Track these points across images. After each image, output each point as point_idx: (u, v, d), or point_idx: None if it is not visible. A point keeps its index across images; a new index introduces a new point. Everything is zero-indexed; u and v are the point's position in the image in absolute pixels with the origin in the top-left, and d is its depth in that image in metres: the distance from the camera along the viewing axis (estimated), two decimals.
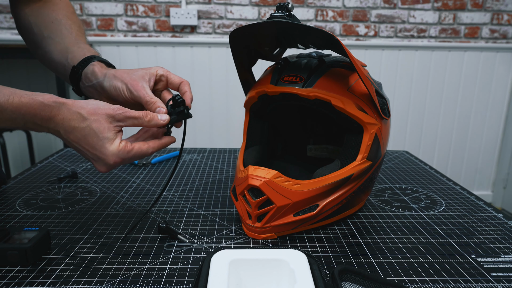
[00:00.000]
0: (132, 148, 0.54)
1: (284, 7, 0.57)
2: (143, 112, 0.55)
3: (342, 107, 0.57)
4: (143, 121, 0.55)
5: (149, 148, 0.56)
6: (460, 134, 2.42)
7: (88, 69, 0.63)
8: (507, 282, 0.48)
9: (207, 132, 2.32)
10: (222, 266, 0.43)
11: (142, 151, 0.55)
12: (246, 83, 0.71)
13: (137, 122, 0.54)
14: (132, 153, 0.54)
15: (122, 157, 0.53)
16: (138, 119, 0.54)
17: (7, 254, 0.49)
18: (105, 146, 0.52)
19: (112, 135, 0.52)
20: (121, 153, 0.53)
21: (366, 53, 2.27)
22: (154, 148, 0.57)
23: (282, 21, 0.54)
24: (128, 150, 0.53)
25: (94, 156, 0.53)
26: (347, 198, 0.61)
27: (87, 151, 0.53)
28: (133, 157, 0.55)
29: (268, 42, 0.64)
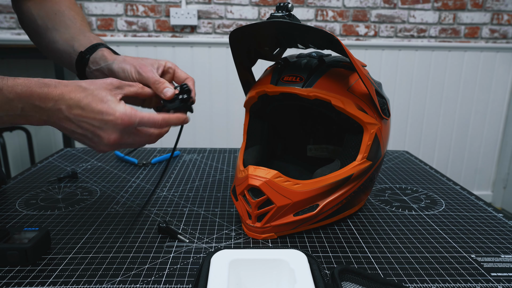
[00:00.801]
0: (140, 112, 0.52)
1: (284, 7, 0.57)
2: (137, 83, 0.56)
3: (342, 107, 0.57)
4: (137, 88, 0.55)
5: (159, 118, 0.53)
6: (460, 134, 2.42)
7: (97, 54, 0.64)
8: (507, 282, 0.48)
9: (207, 132, 2.32)
10: (222, 266, 0.43)
11: (154, 119, 0.53)
12: (246, 83, 0.71)
13: (133, 90, 0.55)
14: (140, 115, 0.51)
15: (130, 116, 0.50)
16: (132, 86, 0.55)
17: (7, 254, 0.49)
18: (111, 107, 0.50)
19: (115, 99, 0.51)
20: (130, 112, 0.51)
21: (366, 53, 2.27)
22: (164, 119, 0.54)
23: (282, 21, 0.54)
24: (135, 112, 0.51)
25: (100, 123, 0.50)
26: (347, 198, 0.61)
27: (93, 120, 0.50)
28: (142, 121, 0.52)
29: (268, 42, 0.64)
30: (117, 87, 0.53)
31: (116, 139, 0.51)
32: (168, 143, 2.33)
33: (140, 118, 0.51)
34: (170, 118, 0.55)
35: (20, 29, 2.15)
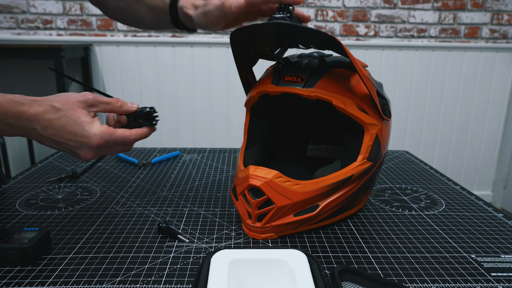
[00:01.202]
0: (115, 131, 0.53)
1: (285, 8, 0.57)
2: (114, 98, 0.56)
3: (343, 107, 0.57)
4: (114, 106, 0.55)
5: (132, 135, 0.55)
6: (460, 134, 2.42)
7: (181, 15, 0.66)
8: (507, 282, 0.48)
9: (207, 132, 2.32)
10: (222, 266, 0.43)
11: (126, 136, 0.55)
12: (247, 83, 0.71)
13: (108, 107, 0.55)
14: (115, 135, 0.53)
15: (105, 138, 0.52)
16: (110, 103, 0.55)
17: (7, 254, 0.49)
18: (85, 129, 0.51)
19: (89, 119, 0.52)
20: (104, 134, 0.52)
21: (366, 53, 2.27)
22: (137, 136, 0.56)
23: (282, 23, 0.54)
24: (111, 132, 0.53)
25: (76, 144, 0.52)
26: (348, 199, 0.61)
27: (68, 141, 0.52)
28: (117, 140, 0.54)
29: (269, 42, 0.64)
30: (91, 105, 0.53)
31: (92, 156, 0.54)
32: (168, 143, 2.33)
33: (114, 140, 0.53)
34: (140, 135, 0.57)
35: (20, 29, 2.15)
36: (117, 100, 0.56)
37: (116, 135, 0.53)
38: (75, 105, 0.52)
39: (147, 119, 0.58)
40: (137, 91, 2.25)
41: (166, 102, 2.27)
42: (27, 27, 2.15)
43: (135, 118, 0.58)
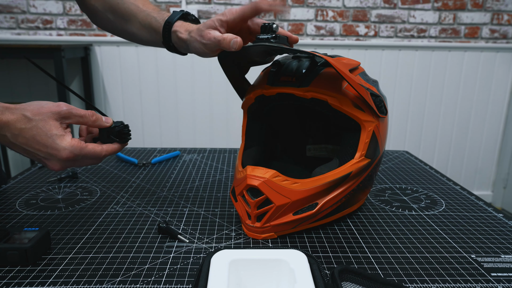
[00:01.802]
0: (86, 146, 0.54)
1: (268, 29, 0.57)
2: (89, 111, 0.55)
3: (338, 105, 0.57)
4: (88, 120, 0.55)
5: (103, 151, 0.56)
6: (460, 134, 2.42)
7: (174, 38, 0.64)
8: (507, 282, 0.48)
9: (207, 132, 2.32)
10: (222, 266, 0.43)
11: (96, 152, 0.55)
12: (241, 89, 0.71)
13: (82, 121, 0.55)
14: (85, 150, 0.54)
15: (75, 152, 0.53)
16: (84, 117, 0.55)
17: (7, 254, 0.49)
18: (56, 142, 0.52)
19: (61, 132, 0.52)
20: (74, 148, 0.52)
21: (366, 53, 2.27)
22: (108, 152, 0.57)
23: (267, 45, 0.55)
24: (81, 147, 0.53)
25: (46, 155, 0.52)
26: (346, 196, 0.61)
27: (38, 151, 0.52)
28: (86, 155, 0.54)
29: (257, 55, 0.65)
30: (64, 116, 0.53)
31: (60, 169, 0.54)
32: (168, 143, 2.33)
33: (83, 155, 0.54)
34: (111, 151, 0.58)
35: (20, 29, 2.15)
36: (92, 114, 0.56)
37: (86, 150, 0.54)
38: (47, 116, 0.52)
39: (119, 136, 0.59)
40: (137, 91, 2.25)
41: (166, 102, 2.27)
42: (27, 27, 2.15)
43: (108, 133, 0.58)
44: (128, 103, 2.27)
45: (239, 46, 0.56)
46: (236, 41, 0.56)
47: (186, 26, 0.63)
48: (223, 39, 0.57)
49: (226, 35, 0.57)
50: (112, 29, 0.75)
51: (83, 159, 0.55)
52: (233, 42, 0.56)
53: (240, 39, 0.57)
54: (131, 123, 2.30)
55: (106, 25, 0.75)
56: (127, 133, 0.60)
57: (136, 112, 2.28)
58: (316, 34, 2.23)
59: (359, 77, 0.62)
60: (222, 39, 0.57)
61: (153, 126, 2.31)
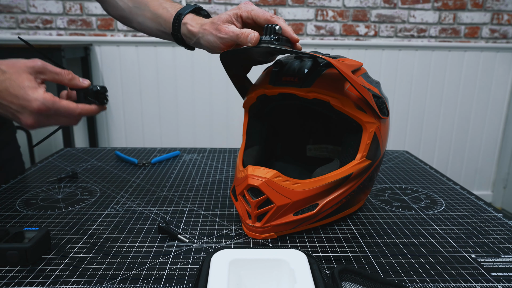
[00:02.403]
0: (59, 100, 0.53)
1: (271, 30, 0.57)
2: (65, 70, 0.55)
3: (340, 106, 0.57)
4: (64, 78, 0.54)
5: (77, 108, 0.55)
6: (460, 134, 2.42)
7: (183, 30, 0.64)
8: (507, 282, 0.48)
9: (207, 132, 2.32)
10: (222, 266, 0.43)
11: (70, 108, 0.54)
12: (242, 88, 0.71)
13: (57, 78, 0.54)
14: (58, 104, 0.53)
15: (47, 105, 0.52)
16: (59, 74, 0.54)
17: (7, 254, 0.49)
18: (27, 93, 0.51)
19: (34, 84, 0.52)
20: (46, 100, 0.52)
21: (366, 53, 2.27)
22: (83, 110, 0.55)
23: (269, 47, 0.55)
24: (54, 100, 0.52)
25: (18, 107, 0.52)
26: (347, 197, 0.61)
27: (10, 104, 0.52)
28: (59, 110, 0.53)
29: (260, 55, 0.65)
30: (38, 71, 0.53)
31: (33, 123, 0.53)
32: (168, 143, 2.33)
33: (56, 109, 0.53)
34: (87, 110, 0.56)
35: (20, 29, 2.15)
36: (68, 72, 0.55)
37: (59, 105, 0.53)
38: (21, 70, 0.52)
39: (97, 97, 0.58)
40: (137, 91, 2.25)
41: (166, 102, 2.27)
42: (27, 27, 2.15)
43: (85, 95, 0.57)
44: (128, 103, 2.27)
45: (255, 42, 0.57)
46: (254, 37, 0.57)
47: (198, 19, 0.63)
48: (242, 34, 0.57)
49: (244, 30, 0.58)
50: (121, 16, 0.75)
51: (57, 115, 0.54)
52: (251, 37, 0.57)
53: (257, 34, 0.57)
54: (131, 123, 2.30)
55: (115, 12, 0.75)
56: (104, 94, 0.58)
57: (136, 112, 2.28)
58: (316, 34, 2.23)
59: (361, 78, 0.61)
60: (241, 33, 0.57)
61: (153, 126, 2.31)
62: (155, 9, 0.68)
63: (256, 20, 0.61)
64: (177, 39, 0.66)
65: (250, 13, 0.60)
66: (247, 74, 0.70)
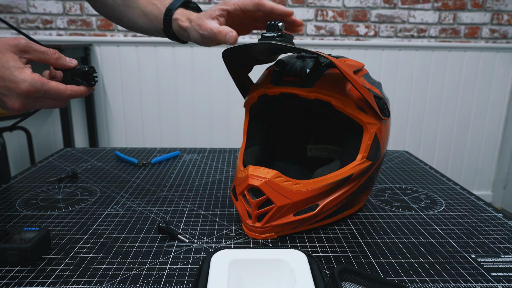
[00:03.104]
0: (48, 81, 0.50)
1: (274, 27, 0.56)
2: (51, 49, 0.52)
3: (342, 107, 0.57)
4: (50, 58, 0.52)
5: (67, 90, 0.52)
6: (460, 134, 2.42)
7: (175, 26, 0.63)
8: (507, 282, 0.48)
9: (207, 132, 2.32)
10: (222, 266, 0.43)
11: (60, 90, 0.51)
12: (244, 87, 0.71)
13: (43, 57, 0.52)
14: (48, 85, 0.50)
15: (36, 86, 0.49)
16: (45, 53, 0.51)
17: (7, 254, 0.49)
18: (14, 74, 0.48)
19: (19, 64, 0.49)
20: (35, 81, 0.49)
21: (366, 53, 2.27)
22: (73, 92, 0.53)
23: (272, 43, 0.54)
24: (43, 81, 0.50)
25: (3, 90, 0.49)
26: (347, 198, 0.61)
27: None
28: (48, 92, 0.50)
29: (262, 54, 0.65)
30: (23, 50, 0.50)
31: (20, 106, 0.50)
32: (168, 143, 2.33)
33: (45, 90, 0.50)
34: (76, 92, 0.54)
35: (20, 29, 2.15)
36: (54, 51, 0.52)
37: (48, 86, 0.50)
38: (4, 49, 0.49)
39: (85, 78, 0.55)
40: (137, 91, 2.25)
41: (166, 102, 2.27)
42: (27, 27, 2.15)
43: (72, 75, 0.54)
44: (128, 103, 2.27)
45: (234, 41, 0.56)
46: (232, 36, 0.56)
47: (187, 14, 0.62)
48: (219, 32, 0.56)
49: (223, 27, 0.57)
50: (111, 15, 0.73)
51: (45, 97, 0.51)
52: (229, 36, 0.56)
53: (235, 33, 0.56)
54: (131, 123, 2.30)
55: (105, 11, 0.73)
56: (92, 75, 0.56)
57: (136, 112, 2.28)
58: (316, 34, 2.23)
59: (363, 79, 0.61)
60: (218, 32, 0.57)
61: (153, 126, 2.31)
62: (144, 6, 0.66)
63: (245, 8, 0.59)
64: (169, 35, 0.65)
65: (237, 4, 0.59)
66: (249, 73, 0.70)
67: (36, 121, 2.29)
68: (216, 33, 0.57)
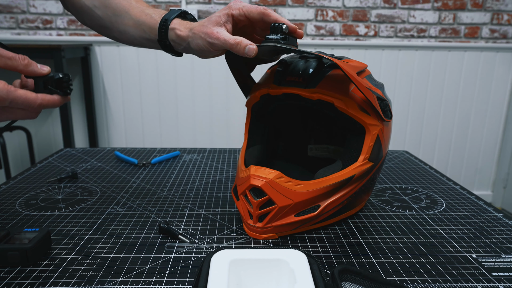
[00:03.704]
0: (15, 90, 0.46)
1: (278, 29, 0.56)
2: (20, 55, 0.48)
3: (344, 108, 0.57)
4: (18, 64, 0.47)
5: (37, 99, 0.48)
6: (460, 134, 2.42)
7: (171, 36, 0.60)
8: (508, 282, 0.48)
9: (207, 132, 2.32)
10: (222, 266, 0.43)
11: (29, 99, 0.47)
12: (246, 87, 0.71)
13: (10, 63, 0.47)
14: (14, 94, 0.45)
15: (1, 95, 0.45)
16: (13, 59, 0.47)
17: (8, 254, 0.49)
18: None
19: None
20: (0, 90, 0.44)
21: (366, 53, 2.27)
22: (44, 101, 0.49)
23: (276, 46, 0.54)
24: (8, 89, 0.45)
25: None
26: (349, 199, 0.61)
27: None
28: (16, 101, 0.46)
29: (265, 54, 0.65)
30: None
31: None
32: (168, 143, 2.33)
33: (12, 99, 0.46)
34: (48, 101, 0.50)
35: (20, 29, 2.15)
36: (23, 57, 0.48)
37: (15, 94, 0.45)
38: None
39: (59, 86, 0.51)
40: (137, 91, 2.25)
41: (166, 102, 2.27)
42: (27, 27, 2.15)
43: (45, 83, 0.50)
44: (128, 103, 2.27)
45: (254, 54, 0.54)
46: (252, 49, 0.53)
47: (185, 23, 0.60)
48: (237, 44, 0.54)
49: (240, 39, 0.54)
50: (101, 27, 0.69)
51: (14, 107, 0.47)
52: (248, 49, 0.53)
53: (255, 46, 0.54)
54: (131, 123, 2.30)
55: (93, 23, 0.69)
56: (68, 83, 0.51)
57: (136, 112, 2.28)
58: (316, 34, 2.23)
59: (366, 80, 0.61)
60: (236, 43, 0.54)
61: (153, 126, 2.31)
62: (137, 16, 0.63)
63: (249, 15, 0.58)
64: (165, 46, 0.62)
65: (242, 10, 0.57)
66: (251, 72, 0.70)
67: (36, 121, 2.29)
68: (232, 44, 0.54)
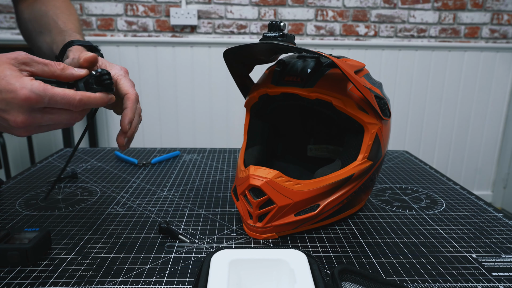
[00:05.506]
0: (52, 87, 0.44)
1: (276, 27, 0.56)
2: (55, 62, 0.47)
3: (343, 107, 0.57)
4: (55, 69, 0.46)
5: (77, 94, 0.45)
6: (460, 134, 2.42)
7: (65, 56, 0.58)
8: (508, 282, 0.48)
9: (207, 132, 2.32)
10: (222, 266, 0.43)
11: (67, 94, 0.44)
12: (244, 87, 0.71)
13: (47, 69, 0.46)
14: (52, 91, 0.44)
15: (37, 92, 0.43)
16: (49, 65, 0.46)
17: (8, 254, 0.49)
18: (10, 82, 0.42)
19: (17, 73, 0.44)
20: (35, 87, 0.43)
21: (366, 53, 2.27)
22: (84, 96, 0.46)
23: (274, 43, 0.54)
24: (45, 87, 0.43)
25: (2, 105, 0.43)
26: (348, 198, 0.61)
27: None
28: (55, 98, 0.44)
29: (263, 53, 0.65)
30: (23, 62, 0.45)
31: (24, 121, 0.44)
32: (168, 143, 2.33)
33: (50, 97, 0.44)
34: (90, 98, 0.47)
35: None
36: (58, 63, 0.47)
37: (53, 91, 0.43)
38: (1, 61, 0.44)
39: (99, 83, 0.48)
40: (137, 91, 2.25)
41: (166, 102, 2.27)
42: None
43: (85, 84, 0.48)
44: None
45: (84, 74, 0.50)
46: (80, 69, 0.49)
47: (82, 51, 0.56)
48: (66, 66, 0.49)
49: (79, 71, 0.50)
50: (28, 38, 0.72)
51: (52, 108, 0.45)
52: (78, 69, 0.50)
53: None
54: None
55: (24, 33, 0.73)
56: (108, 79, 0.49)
57: None
58: (316, 34, 2.23)
59: (364, 79, 0.61)
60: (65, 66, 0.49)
61: (153, 126, 2.31)
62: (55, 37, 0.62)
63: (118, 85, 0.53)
64: None
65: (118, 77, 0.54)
66: (249, 73, 0.70)
67: None
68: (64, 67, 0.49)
